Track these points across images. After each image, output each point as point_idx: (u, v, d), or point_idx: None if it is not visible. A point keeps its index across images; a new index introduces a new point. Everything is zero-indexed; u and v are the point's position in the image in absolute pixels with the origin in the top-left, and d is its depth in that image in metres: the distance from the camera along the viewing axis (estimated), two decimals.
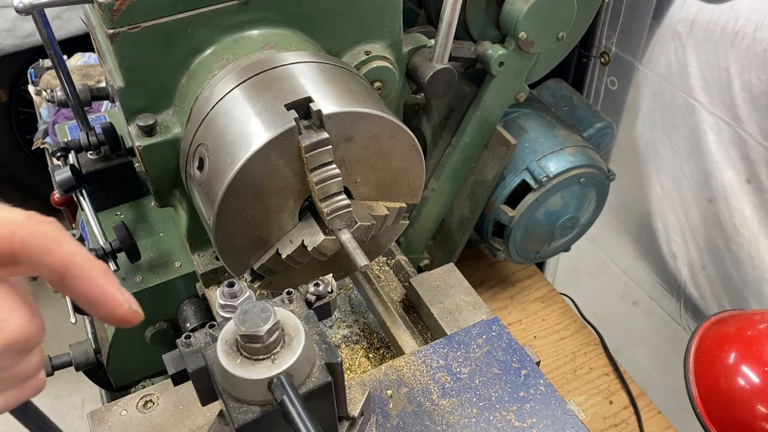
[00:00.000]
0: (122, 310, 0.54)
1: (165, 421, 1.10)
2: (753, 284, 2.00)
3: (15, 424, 0.66)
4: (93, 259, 0.53)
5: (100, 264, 0.54)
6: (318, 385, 0.78)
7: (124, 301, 0.54)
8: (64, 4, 1.16)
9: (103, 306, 0.54)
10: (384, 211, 1.09)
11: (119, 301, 0.54)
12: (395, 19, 1.24)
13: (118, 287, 0.54)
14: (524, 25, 1.57)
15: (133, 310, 0.55)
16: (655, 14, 2.04)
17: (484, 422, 1.07)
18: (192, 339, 0.81)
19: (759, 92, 1.77)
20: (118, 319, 0.55)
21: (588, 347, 2.16)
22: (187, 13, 1.06)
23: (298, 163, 0.98)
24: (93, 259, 0.53)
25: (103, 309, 0.54)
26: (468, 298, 1.32)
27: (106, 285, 0.53)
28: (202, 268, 1.32)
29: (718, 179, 1.99)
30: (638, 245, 2.48)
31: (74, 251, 0.52)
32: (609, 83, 2.31)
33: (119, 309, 0.54)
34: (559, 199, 1.92)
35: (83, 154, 1.49)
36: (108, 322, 0.55)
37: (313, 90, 1.00)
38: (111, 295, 0.53)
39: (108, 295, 0.53)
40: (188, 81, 1.12)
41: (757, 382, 1.40)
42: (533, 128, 1.94)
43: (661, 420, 2.00)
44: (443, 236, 2.09)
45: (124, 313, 0.54)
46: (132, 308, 0.55)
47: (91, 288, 0.53)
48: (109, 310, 0.54)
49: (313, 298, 0.87)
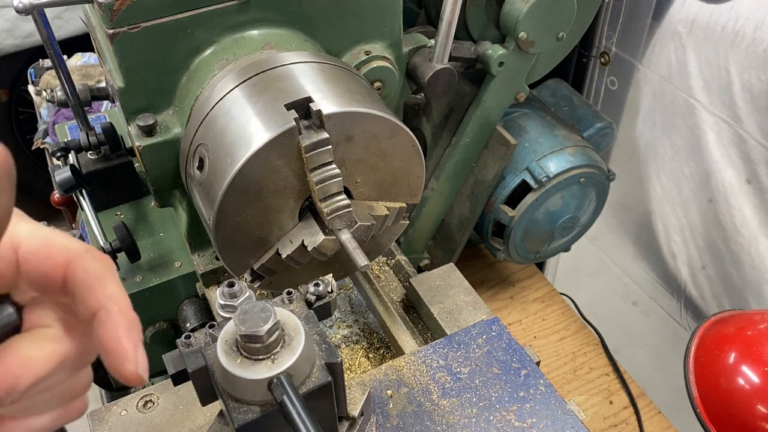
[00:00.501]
0: (128, 370, 0.54)
1: (165, 421, 1.10)
2: (753, 284, 2.00)
3: None
4: (126, 310, 0.54)
5: (130, 317, 0.54)
6: (318, 385, 0.78)
7: (132, 362, 0.54)
8: (64, 4, 1.16)
9: (113, 358, 0.53)
10: (384, 211, 1.09)
11: (128, 360, 0.53)
12: (395, 19, 1.24)
13: (135, 346, 0.54)
14: (524, 25, 1.57)
15: (138, 374, 0.54)
16: (655, 14, 2.04)
17: (484, 422, 1.07)
18: (192, 339, 0.81)
19: (759, 92, 1.77)
20: (122, 377, 0.54)
21: (588, 347, 2.16)
22: (187, 13, 1.06)
23: (298, 163, 0.98)
24: (126, 310, 0.54)
25: (112, 361, 0.53)
26: (468, 298, 1.32)
27: (124, 340, 0.53)
28: (202, 268, 1.32)
29: (718, 179, 1.99)
30: (638, 245, 2.48)
31: (113, 296, 0.53)
32: (609, 83, 2.31)
33: (126, 367, 0.53)
34: (559, 199, 1.92)
35: (83, 154, 1.49)
36: (112, 374, 0.54)
37: (313, 90, 1.00)
38: (124, 351, 0.53)
39: (121, 351, 0.53)
40: (188, 81, 1.12)
41: (757, 382, 1.40)
42: (533, 128, 1.94)
43: (661, 420, 2.00)
44: (443, 236, 2.09)
45: (128, 373, 0.54)
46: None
47: (109, 337, 0.53)
48: (117, 363, 0.53)
49: (313, 298, 0.87)
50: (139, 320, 0.55)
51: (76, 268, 0.53)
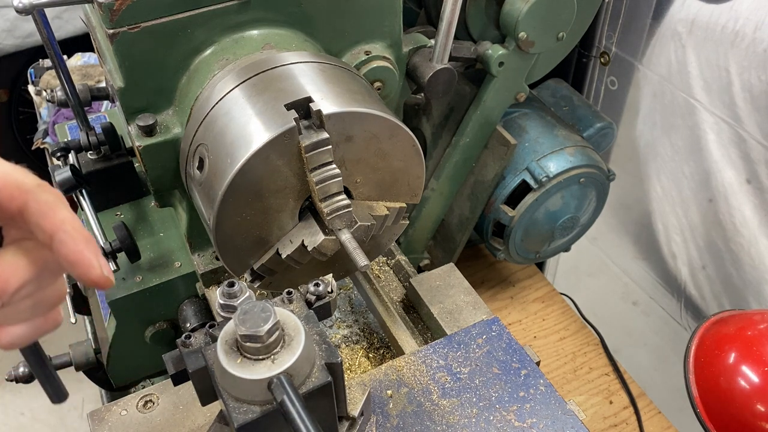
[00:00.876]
0: (95, 274, 0.62)
1: (165, 421, 1.10)
2: (753, 284, 2.00)
3: (14, 424, 0.67)
4: (80, 229, 0.62)
5: (85, 234, 0.62)
6: (318, 385, 0.78)
7: (98, 266, 0.62)
8: (64, 4, 1.16)
9: (80, 268, 0.61)
10: (384, 211, 1.09)
11: (93, 266, 0.61)
12: (395, 19, 1.24)
13: (96, 254, 0.62)
14: (524, 25, 1.57)
15: (105, 276, 0.62)
16: (655, 14, 2.04)
17: (484, 422, 1.07)
18: (192, 339, 0.81)
19: (759, 92, 1.77)
20: (92, 282, 0.62)
21: (588, 347, 2.16)
22: (187, 13, 1.06)
23: (298, 163, 0.98)
24: (80, 229, 0.62)
25: (79, 271, 0.61)
26: (468, 298, 1.33)
27: (85, 251, 0.61)
28: (202, 268, 1.32)
29: (718, 179, 1.99)
30: (638, 245, 2.48)
31: (65, 219, 0.61)
32: (609, 83, 2.31)
33: (93, 272, 0.62)
34: (559, 199, 1.92)
35: (83, 154, 1.49)
36: (85, 284, 0.64)
37: (313, 90, 1.00)
38: (88, 260, 0.61)
39: (85, 260, 0.61)
40: (188, 81, 1.12)
41: (757, 382, 1.41)
42: (533, 128, 1.94)
43: (661, 420, 2.00)
44: (443, 236, 2.09)
45: (96, 277, 0.62)
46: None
47: (71, 252, 0.60)
48: (84, 272, 0.61)
49: (313, 298, 0.87)
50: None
51: (29, 199, 0.60)
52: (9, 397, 2.89)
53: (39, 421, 2.83)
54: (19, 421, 2.82)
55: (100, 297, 1.50)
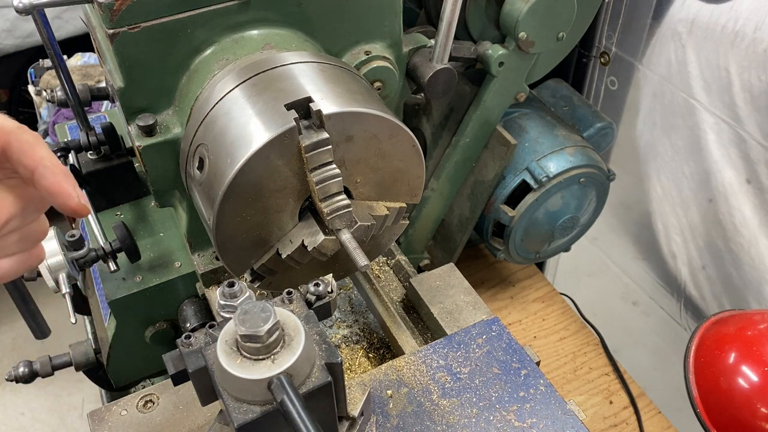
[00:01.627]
0: (73, 202, 0.70)
1: (165, 421, 1.10)
2: (753, 284, 2.00)
3: (14, 425, 0.67)
4: (58, 164, 0.70)
5: (63, 168, 0.70)
6: (318, 385, 0.78)
7: (75, 196, 0.70)
8: (64, 4, 1.16)
9: (59, 198, 0.69)
10: (384, 211, 1.09)
11: (71, 195, 0.69)
12: (395, 19, 1.24)
13: (73, 186, 0.70)
14: (524, 25, 1.57)
15: (82, 204, 0.70)
16: (655, 14, 2.04)
17: (484, 422, 1.07)
18: (192, 339, 0.81)
19: (759, 92, 1.77)
20: (71, 209, 0.70)
21: (588, 347, 2.16)
22: (187, 13, 1.06)
23: (298, 163, 0.98)
24: (58, 164, 0.70)
25: (59, 200, 0.69)
26: (468, 298, 1.33)
27: (63, 183, 0.69)
28: (202, 268, 1.32)
29: (718, 179, 1.99)
30: (638, 245, 2.48)
31: (45, 156, 0.69)
32: (609, 83, 2.31)
33: (70, 201, 0.69)
34: (559, 199, 1.92)
35: (83, 154, 1.49)
36: (64, 212, 0.71)
37: (313, 90, 1.00)
38: (65, 190, 0.69)
39: (63, 190, 0.69)
40: (188, 81, 1.12)
41: (757, 382, 1.40)
42: (533, 128, 1.94)
43: (661, 420, 2.00)
44: (443, 236, 2.09)
45: (75, 205, 0.70)
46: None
47: (51, 183, 0.68)
48: (63, 201, 0.69)
49: (313, 298, 0.87)
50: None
51: (11, 140, 0.67)
52: (9, 397, 2.89)
53: (39, 421, 2.83)
54: (19, 421, 2.82)
55: (100, 297, 1.50)
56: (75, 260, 1.21)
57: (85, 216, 0.81)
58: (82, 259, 1.23)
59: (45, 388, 2.85)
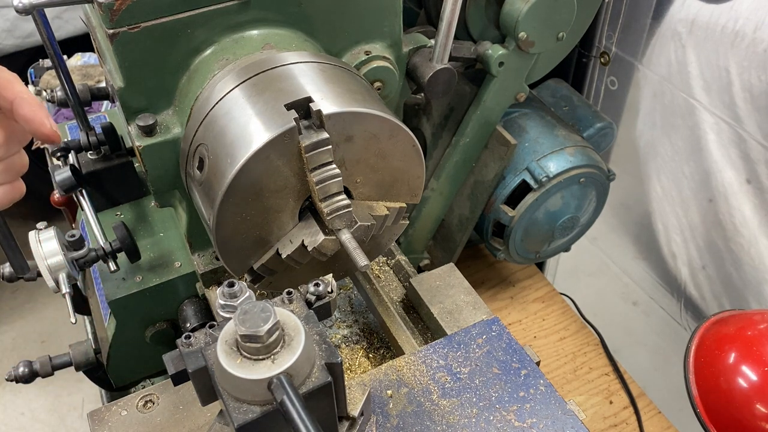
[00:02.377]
0: (45, 128, 0.82)
1: (165, 421, 1.10)
2: (753, 284, 2.00)
3: (14, 425, 0.67)
4: (33, 98, 0.82)
5: (38, 101, 0.82)
6: (318, 385, 0.78)
7: (48, 124, 0.82)
8: (64, 4, 1.16)
9: (34, 124, 0.81)
10: (384, 211, 1.09)
11: (45, 123, 0.82)
12: (395, 19, 1.24)
13: (46, 115, 0.82)
14: (524, 25, 1.57)
15: (54, 130, 0.83)
16: (655, 14, 2.04)
17: (484, 422, 1.07)
18: (192, 339, 0.81)
19: (759, 92, 1.77)
20: (44, 135, 0.82)
21: (588, 347, 2.16)
22: (187, 13, 1.06)
23: (298, 163, 0.98)
24: (33, 98, 0.82)
25: (33, 126, 0.81)
26: (468, 298, 1.33)
27: (38, 112, 0.81)
28: (202, 268, 1.32)
29: (718, 179, 1.99)
30: (638, 245, 2.48)
31: (22, 90, 0.81)
32: (609, 83, 2.31)
33: (43, 127, 0.82)
34: (559, 199, 1.92)
35: (83, 154, 1.49)
36: (38, 138, 0.83)
37: (313, 90, 1.00)
38: (40, 118, 0.81)
39: (37, 117, 0.81)
40: (188, 81, 1.12)
41: (757, 382, 1.40)
42: (533, 128, 1.94)
43: (661, 420, 2.00)
44: (443, 236, 2.09)
45: (47, 131, 0.82)
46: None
47: (27, 111, 0.81)
48: (37, 127, 0.81)
49: (313, 298, 0.87)
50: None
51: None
52: (9, 397, 2.89)
53: (39, 421, 2.83)
54: (19, 421, 2.82)
55: (100, 297, 1.50)
56: (75, 260, 1.21)
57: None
58: (82, 259, 1.23)
59: (45, 388, 2.85)
